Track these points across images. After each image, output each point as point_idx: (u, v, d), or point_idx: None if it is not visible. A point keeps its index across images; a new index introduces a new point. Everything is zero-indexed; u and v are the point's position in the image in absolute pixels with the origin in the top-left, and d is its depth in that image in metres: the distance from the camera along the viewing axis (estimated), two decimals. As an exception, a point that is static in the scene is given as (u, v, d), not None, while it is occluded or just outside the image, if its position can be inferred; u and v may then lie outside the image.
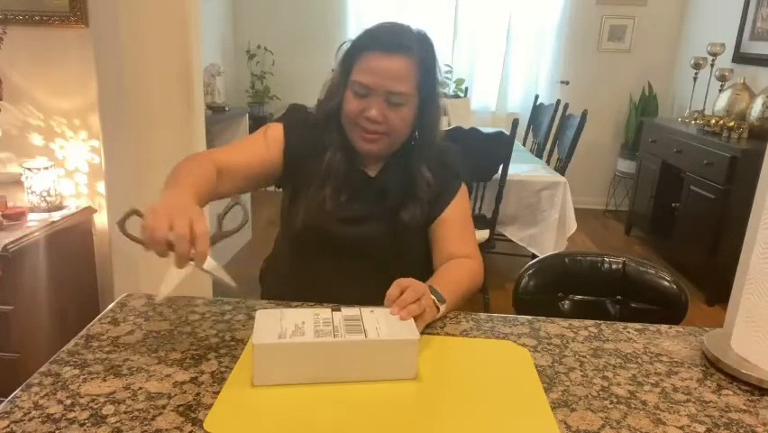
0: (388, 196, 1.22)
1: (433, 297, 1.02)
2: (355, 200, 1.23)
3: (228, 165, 1.15)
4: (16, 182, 2.11)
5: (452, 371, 0.92)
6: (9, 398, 0.80)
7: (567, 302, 1.43)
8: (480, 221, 2.79)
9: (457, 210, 1.26)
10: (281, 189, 1.31)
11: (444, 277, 1.14)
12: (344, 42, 1.20)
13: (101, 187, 2.18)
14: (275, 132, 1.23)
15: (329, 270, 1.22)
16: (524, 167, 3.08)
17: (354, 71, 1.16)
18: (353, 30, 4.49)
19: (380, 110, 1.14)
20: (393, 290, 0.96)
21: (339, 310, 0.93)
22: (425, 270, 1.30)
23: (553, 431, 0.77)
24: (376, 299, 0.97)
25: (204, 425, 0.75)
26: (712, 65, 3.87)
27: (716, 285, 3.15)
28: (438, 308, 1.03)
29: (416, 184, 1.22)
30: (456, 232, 1.25)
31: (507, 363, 0.95)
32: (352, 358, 0.85)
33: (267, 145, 1.22)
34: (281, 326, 0.87)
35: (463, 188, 1.29)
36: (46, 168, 2.07)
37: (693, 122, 3.82)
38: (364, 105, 1.15)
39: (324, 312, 0.92)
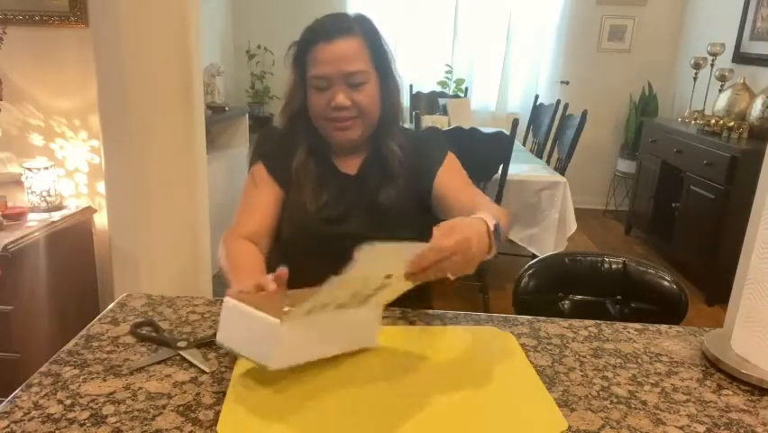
0: (368, 185, 1.23)
1: (492, 239, 0.94)
2: (339, 200, 1.24)
3: (256, 233, 1.20)
4: (16, 182, 2.11)
5: (445, 360, 0.93)
6: (9, 398, 0.80)
7: (567, 302, 1.43)
8: (480, 221, 2.79)
9: (452, 171, 1.24)
10: None
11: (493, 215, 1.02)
12: (290, 46, 1.21)
13: (101, 187, 2.18)
14: (260, 173, 1.26)
15: (321, 271, 1.22)
16: (524, 167, 3.08)
17: (308, 68, 1.18)
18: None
19: (345, 95, 1.15)
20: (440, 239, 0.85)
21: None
22: None
23: (550, 407, 0.80)
24: None
25: (217, 429, 0.75)
26: (712, 65, 3.87)
27: (716, 285, 3.15)
28: (491, 248, 0.94)
29: (387, 162, 1.23)
30: (460, 195, 1.20)
31: (496, 348, 0.98)
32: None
33: (263, 190, 1.25)
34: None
35: (451, 156, 1.27)
36: (46, 168, 2.07)
37: (693, 122, 3.82)
38: (329, 96, 1.16)
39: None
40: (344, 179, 1.26)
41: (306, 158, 1.24)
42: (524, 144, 4.12)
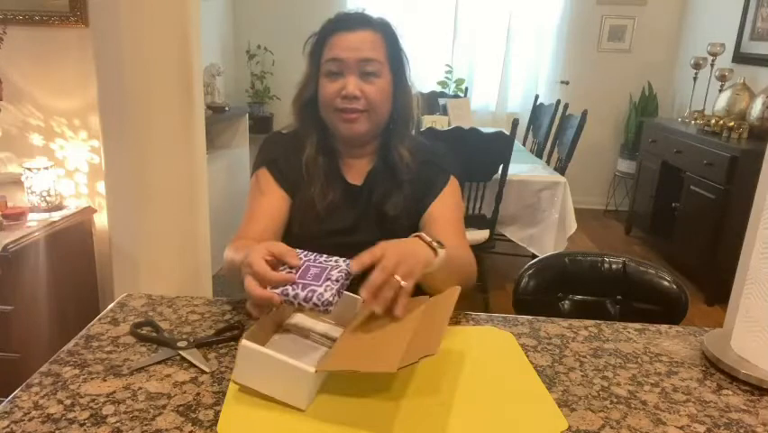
0: (373, 196, 1.22)
1: (428, 239, 0.97)
2: (344, 210, 1.22)
3: (261, 237, 1.15)
4: (16, 182, 2.11)
5: (444, 360, 0.93)
6: (9, 398, 0.80)
7: (567, 302, 1.43)
8: (479, 221, 2.79)
9: (447, 204, 1.23)
10: None
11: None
12: (310, 37, 1.22)
13: (101, 187, 2.18)
14: (264, 178, 1.23)
15: None
16: (524, 167, 3.08)
17: (324, 54, 1.18)
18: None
19: (356, 84, 1.15)
20: (365, 259, 0.88)
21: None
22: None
23: (550, 407, 0.80)
24: None
25: (217, 429, 0.75)
26: (712, 65, 3.87)
27: (716, 285, 3.15)
28: (435, 249, 0.96)
29: (396, 168, 1.22)
30: (447, 228, 1.20)
31: (496, 348, 0.98)
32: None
33: (268, 195, 1.22)
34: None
35: (453, 182, 1.26)
36: (46, 168, 2.07)
37: (693, 122, 3.82)
38: (340, 85, 1.15)
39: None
40: (351, 189, 1.24)
41: (316, 154, 1.22)
42: (524, 144, 4.12)
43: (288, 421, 0.77)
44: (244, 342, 0.80)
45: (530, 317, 1.12)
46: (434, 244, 0.97)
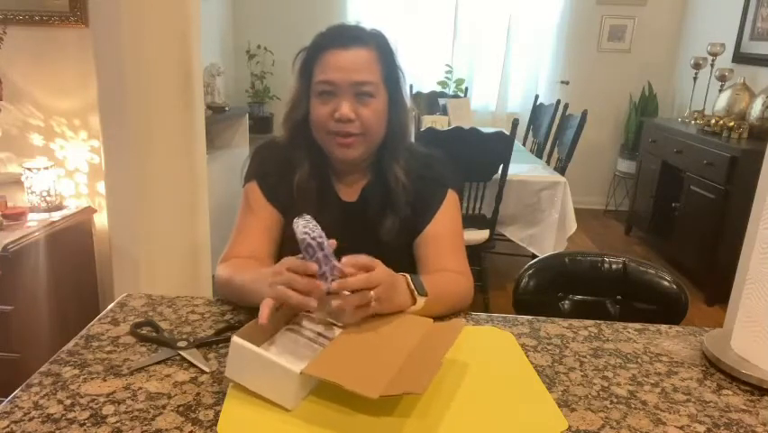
0: (368, 213, 1.18)
1: (412, 286, 0.97)
2: (338, 229, 1.20)
3: (253, 257, 1.13)
4: (16, 182, 2.11)
5: (444, 360, 0.91)
6: (9, 398, 0.80)
7: (567, 302, 1.43)
8: (479, 221, 2.80)
9: (444, 223, 1.19)
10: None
11: (431, 279, 1.04)
12: (299, 52, 1.16)
13: (101, 187, 2.18)
14: (254, 194, 1.20)
15: None
16: (524, 167, 3.09)
17: (316, 74, 1.12)
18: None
19: (351, 106, 1.09)
20: (349, 262, 0.90)
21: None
22: None
23: (550, 407, 0.80)
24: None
25: (217, 429, 0.75)
26: (712, 65, 3.87)
27: (716, 285, 3.15)
28: (415, 299, 0.97)
29: (391, 189, 1.17)
30: (445, 248, 1.17)
31: (496, 348, 0.99)
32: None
33: (258, 213, 1.19)
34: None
35: (450, 197, 1.21)
36: (46, 168, 2.07)
37: (693, 122, 3.82)
38: (333, 107, 1.10)
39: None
40: (344, 207, 1.20)
41: (308, 177, 1.17)
42: (524, 144, 4.13)
43: (289, 422, 0.77)
44: (235, 338, 0.81)
45: (530, 317, 1.12)
46: (416, 292, 0.97)
